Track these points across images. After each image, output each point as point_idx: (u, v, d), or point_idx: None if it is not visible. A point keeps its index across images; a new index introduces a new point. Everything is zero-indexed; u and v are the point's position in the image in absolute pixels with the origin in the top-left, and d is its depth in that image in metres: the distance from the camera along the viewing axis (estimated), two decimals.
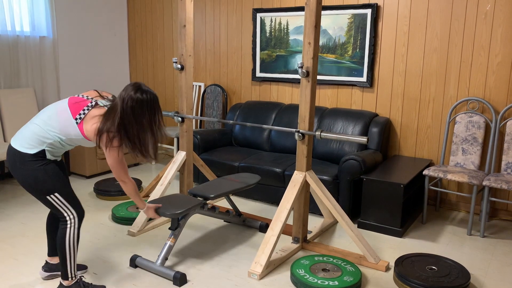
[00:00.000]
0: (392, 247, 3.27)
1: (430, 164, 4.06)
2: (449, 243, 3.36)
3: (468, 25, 3.79)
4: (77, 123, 2.31)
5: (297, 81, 4.72)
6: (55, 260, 2.74)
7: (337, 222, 3.72)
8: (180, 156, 3.73)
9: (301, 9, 4.55)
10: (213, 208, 3.34)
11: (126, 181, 2.51)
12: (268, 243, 2.87)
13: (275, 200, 4.08)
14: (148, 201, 2.92)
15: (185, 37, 3.55)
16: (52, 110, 2.37)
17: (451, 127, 3.98)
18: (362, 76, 4.33)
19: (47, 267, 2.74)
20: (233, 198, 4.29)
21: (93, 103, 2.37)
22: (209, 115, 5.29)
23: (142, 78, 6.03)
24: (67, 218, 2.39)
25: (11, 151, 2.32)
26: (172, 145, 5.72)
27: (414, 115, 4.16)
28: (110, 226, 3.56)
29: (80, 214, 2.45)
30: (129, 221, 3.58)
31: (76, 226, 2.42)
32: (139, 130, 2.33)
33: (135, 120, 2.31)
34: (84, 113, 2.33)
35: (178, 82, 5.58)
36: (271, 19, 4.76)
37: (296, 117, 4.44)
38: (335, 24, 4.39)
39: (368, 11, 4.19)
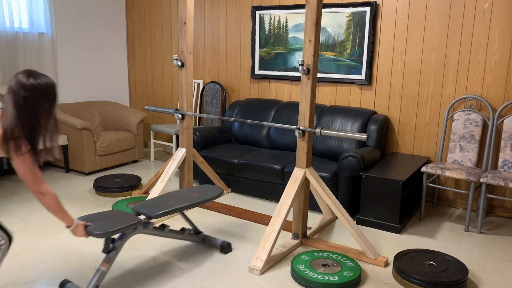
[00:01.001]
0: (390, 243, 3.31)
1: (428, 161, 4.09)
2: (447, 239, 3.40)
3: (466, 23, 3.83)
4: None
5: (296, 79, 4.74)
6: None
7: (336, 218, 3.75)
8: (180, 153, 3.75)
9: (300, 6, 4.57)
10: (162, 226, 2.87)
11: (45, 193, 2.06)
12: (269, 239, 2.89)
13: (274, 196, 4.10)
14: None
15: (185, 34, 3.57)
16: None
17: (449, 124, 4.02)
18: (360, 74, 4.35)
19: None
20: (232, 194, 4.32)
21: None
22: (208, 112, 5.30)
23: (140, 74, 6.03)
24: None
25: None
26: (171, 142, 5.73)
27: (412, 112, 4.20)
28: None
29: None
30: None
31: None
32: (42, 123, 1.94)
33: (35, 112, 1.90)
34: None
35: (177, 79, 5.59)
36: (270, 17, 4.78)
37: (295, 114, 4.46)
38: (334, 22, 4.41)
39: (367, 9, 4.22)
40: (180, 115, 3.68)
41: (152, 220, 2.85)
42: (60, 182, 4.57)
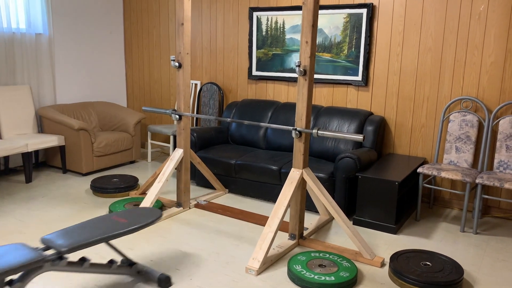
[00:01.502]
0: (387, 244, 3.32)
1: (424, 162, 4.12)
2: (443, 240, 3.42)
3: (462, 25, 3.85)
4: None
5: (293, 80, 4.75)
6: None
7: (333, 219, 3.76)
8: (177, 154, 3.76)
9: (297, 8, 4.59)
10: (82, 260, 2.41)
11: None
12: (266, 239, 2.90)
13: (271, 197, 4.11)
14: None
15: (182, 35, 3.58)
16: None
17: (445, 125, 4.04)
18: (357, 75, 4.37)
19: None
20: (229, 195, 4.33)
21: None
22: (205, 113, 5.31)
23: (138, 75, 6.04)
24: None
25: None
26: (168, 142, 5.74)
27: (409, 113, 4.22)
28: None
29: None
30: None
31: None
32: None
33: None
34: None
35: (175, 80, 5.59)
36: (268, 18, 4.80)
37: (292, 115, 4.48)
38: (331, 23, 4.43)
39: (364, 11, 4.24)
40: (177, 116, 3.69)
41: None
42: (57, 183, 4.57)
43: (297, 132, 3.04)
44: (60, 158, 4.88)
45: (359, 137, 2.85)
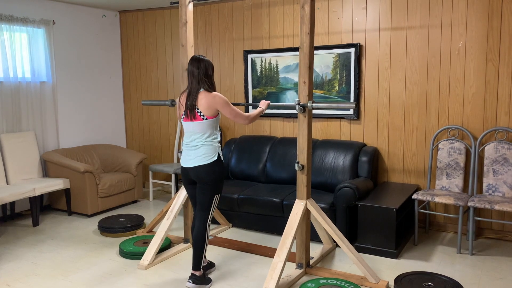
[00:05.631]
0: (389, 268, 3.49)
1: (417, 188, 4.34)
2: (441, 262, 3.60)
3: (444, 60, 4.18)
4: None
5: (288, 116, 5.01)
6: (199, 273, 3.14)
7: (336, 247, 3.92)
8: (184, 191, 3.92)
9: (289, 50, 4.90)
10: None
11: (247, 118, 3.21)
12: (276, 269, 3.05)
13: (274, 229, 4.27)
14: None
15: (186, 80, 3.82)
16: None
17: (434, 153, 4.29)
18: (349, 109, 4.63)
19: (194, 280, 3.11)
20: (233, 229, 4.46)
21: None
22: None
23: (137, 117, 6.25)
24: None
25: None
26: (169, 181, 5.89)
27: (400, 143, 4.48)
28: (119, 261, 3.69)
29: None
30: (137, 255, 3.72)
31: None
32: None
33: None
34: None
35: (173, 120, 5.79)
36: (262, 60, 5.10)
37: (289, 149, 4.70)
38: (321, 62, 4.74)
39: (352, 50, 4.56)
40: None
41: None
42: (64, 225, 4.67)
43: (298, 164, 3.25)
44: (65, 201, 4.99)
45: (351, 105, 3.07)
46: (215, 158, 3.07)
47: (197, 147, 3.07)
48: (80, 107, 5.71)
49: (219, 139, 3.15)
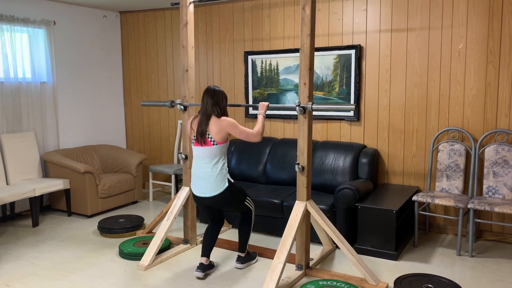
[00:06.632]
0: (389, 270, 3.49)
1: (417, 190, 4.34)
2: (441, 264, 3.60)
3: (444, 62, 4.18)
4: None
5: (288, 117, 5.01)
6: (207, 261, 3.38)
7: (336, 249, 3.92)
8: (184, 192, 3.92)
9: (289, 51, 4.90)
10: None
11: (256, 135, 3.29)
12: (276, 270, 3.05)
13: (274, 230, 4.27)
14: None
15: (187, 81, 3.83)
16: None
17: (434, 155, 4.29)
18: (349, 110, 4.64)
19: (202, 268, 3.32)
20: (233, 230, 4.46)
21: None
22: None
23: (137, 118, 6.25)
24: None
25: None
26: (169, 181, 5.89)
27: (400, 145, 4.48)
28: (118, 262, 3.69)
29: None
30: (136, 256, 3.72)
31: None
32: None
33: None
34: None
35: (174, 121, 5.81)
36: (262, 61, 5.10)
37: (289, 150, 4.70)
38: (322, 64, 4.74)
39: (352, 52, 4.56)
40: (184, 156, 3.88)
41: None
42: (63, 226, 4.67)
43: (300, 166, 3.25)
44: (64, 201, 4.99)
45: (351, 106, 3.09)
46: (226, 184, 3.23)
47: (206, 178, 3.21)
48: (80, 107, 5.71)
49: (226, 166, 3.28)
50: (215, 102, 3.22)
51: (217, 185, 3.19)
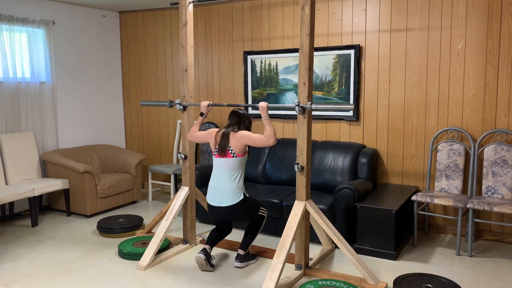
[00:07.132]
0: (388, 269, 3.49)
1: (417, 190, 4.34)
2: (440, 264, 3.60)
3: (443, 62, 4.18)
4: None
5: (287, 117, 5.01)
6: (209, 249, 3.51)
7: (335, 249, 3.92)
8: (183, 192, 3.92)
9: (289, 51, 4.91)
10: None
11: (270, 138, 3.34)
12: (275, 270, 3.05)
13: (273, 230, 4.27)
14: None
15: (186, 80, 3.83)
16: None
17: (434, 155, 4.30)
18: (348, 110, 4.64)
19: (205, 253, 3.44)
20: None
21: None
22: (205, 151, 5.51)
23: (136, 118, 6.25)
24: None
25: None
26: (168, 181, 5.89)
27: (399, 145, 4.48)
28: (118, 262, 3.69)
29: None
30: (136, 256, 3.71)
31: None
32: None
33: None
34: None
35: (173, 121, 5.81)
36: (261, 61, 5.10)
37: (289, 150, 4.70)
38: (321, 64, 4.74)
39: (352, 52, 4.56)
40: (183, 156, 3.88)
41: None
42: (63, 225, 4.67)
43: (299, 166, 3.25)
44: (64, 201, 4.99)
45: (350, 106, 3.10)
46: (242, 197, 3.40)
47: (223, 189, 3.39)
48: (79, 107, 5.71)
49: (243, 181, 3.45)
50: (239, 121, 3.50)
51: (233, 196, 3.38)
